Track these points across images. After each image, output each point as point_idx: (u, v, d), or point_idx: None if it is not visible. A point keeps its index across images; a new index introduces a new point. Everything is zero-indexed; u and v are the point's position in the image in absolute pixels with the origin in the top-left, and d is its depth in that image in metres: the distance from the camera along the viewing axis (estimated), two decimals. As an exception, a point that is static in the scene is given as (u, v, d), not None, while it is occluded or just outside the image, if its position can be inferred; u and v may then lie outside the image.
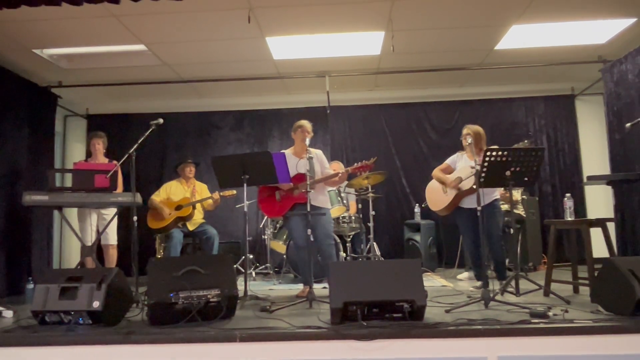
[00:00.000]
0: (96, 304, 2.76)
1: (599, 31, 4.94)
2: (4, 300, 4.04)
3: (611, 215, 5.00)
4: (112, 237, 4.77)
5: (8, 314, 3.34)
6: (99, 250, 4.71)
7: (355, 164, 4.05)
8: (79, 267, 4.27)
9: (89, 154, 5.15)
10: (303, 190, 3.76)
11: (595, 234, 3.59)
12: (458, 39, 5.05)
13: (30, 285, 4.48)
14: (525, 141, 4.30)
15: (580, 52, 5.45)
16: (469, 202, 4.12)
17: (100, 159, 4.96)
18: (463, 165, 4.26)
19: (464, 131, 4.19)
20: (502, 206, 4.36)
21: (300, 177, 3.94)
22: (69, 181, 4.16)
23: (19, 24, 4.35)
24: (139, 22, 4.41)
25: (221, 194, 5.07)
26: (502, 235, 4.19)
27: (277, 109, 6.75)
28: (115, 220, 4.59)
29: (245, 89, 6.45)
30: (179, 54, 5.21)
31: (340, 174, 3.95)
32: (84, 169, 4.45)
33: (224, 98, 6.75)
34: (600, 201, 6.23)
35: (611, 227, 4.01)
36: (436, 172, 4.44)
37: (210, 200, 5.20)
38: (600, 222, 3.62)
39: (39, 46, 4.93)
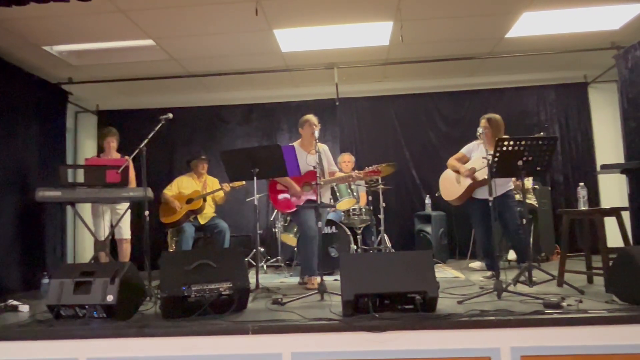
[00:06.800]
0: (110, 298, 2.79)
1: (613, 17, 4.84)
2: (19, 295, 4.09)
3: (625, 204, 4.92)
4: (125, 231, 4.82)
5: (24, 308, 3.40)
6: (112, 244, 4.76)
7: (367, 167, 4.15)
8: (92, 261, 4.31)
9: (100, 150, 5.19)
10: (314, 184, 3.77)
11: (609, 223, 3.54)
12: (468, 28, 4.98)
13: (45, 280, 4.53)
14: (541, 133, 4.23)
15: (593, 39, 5.35)
16: (481, 193, 4.09)
17: (114, 155, 4.99)
18: (478, 155, 4.20)
19: (482, 122, 4.12)
20: (514, 196, 4.32)
21: (312, 173, 3.93)
22: (80, 177, 4.19)
23: (28, 21, 4.37)
24: (146, 17, 4.41)
25: (230, 185, 5.08)
26: (520, 225, 4.15)
27: (285, 101, 6.73)
28: (129, 214, 4.64)
29: (254, 83, 6.44)
30: (186, 48, 5.21)
31: (353, 175, 4.10)
32: (96, 165, 4.49)
33: (232, 92, 6.74)
34: (614, 190, 6.14)
35: (626, 216, 3.95)
36: (451, 160, 4.41)
37: (221, 193, 5.22)
38: (615, 211, 3.56)
39: (49, 43, 4.95)
